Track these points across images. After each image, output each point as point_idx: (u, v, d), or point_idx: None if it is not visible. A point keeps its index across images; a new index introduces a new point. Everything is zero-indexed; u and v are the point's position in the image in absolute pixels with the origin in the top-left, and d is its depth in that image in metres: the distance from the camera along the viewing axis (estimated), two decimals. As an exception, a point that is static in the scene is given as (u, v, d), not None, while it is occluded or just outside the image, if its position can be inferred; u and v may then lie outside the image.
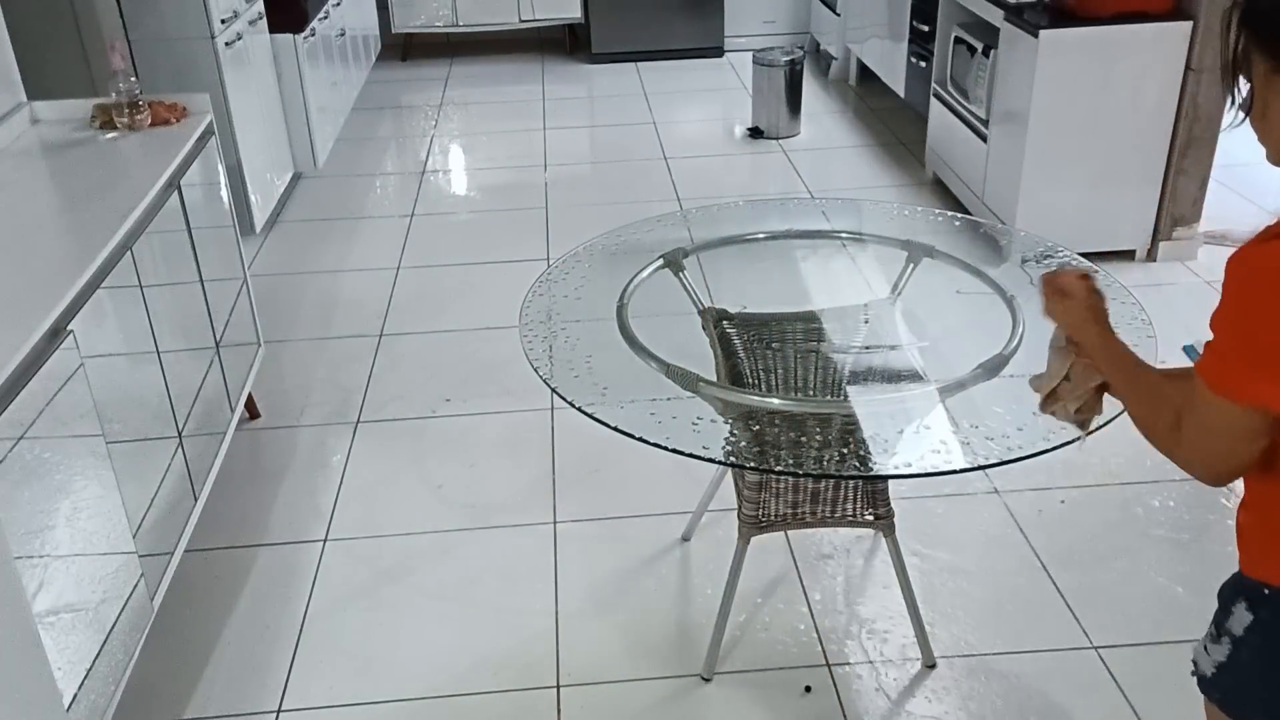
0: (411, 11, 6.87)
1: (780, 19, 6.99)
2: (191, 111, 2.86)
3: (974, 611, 2.46)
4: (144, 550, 2.18)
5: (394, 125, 6.07)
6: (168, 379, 2.42)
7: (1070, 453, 1.85)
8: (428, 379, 3.46)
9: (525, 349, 2.18)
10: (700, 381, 2.01)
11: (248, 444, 3.14)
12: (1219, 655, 1.39)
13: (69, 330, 1.91)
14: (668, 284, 2.46)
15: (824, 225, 2.86)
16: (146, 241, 2.34)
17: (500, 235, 4.49)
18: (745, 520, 2.20)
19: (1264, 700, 1.37)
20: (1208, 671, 1.42)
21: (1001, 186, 4.04)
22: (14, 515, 1.71)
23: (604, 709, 2.25)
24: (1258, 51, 1.22)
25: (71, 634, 1.87)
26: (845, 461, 1.91)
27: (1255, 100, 1.25)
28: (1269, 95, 1.23)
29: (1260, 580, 1.33)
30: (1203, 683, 1.44)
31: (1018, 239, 2.89)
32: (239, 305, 3.06)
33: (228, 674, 2.37)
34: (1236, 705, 1.41)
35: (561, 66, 6.91)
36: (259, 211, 4.31)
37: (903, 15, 5.15)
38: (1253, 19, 1.21)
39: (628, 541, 2.71)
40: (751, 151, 5.41)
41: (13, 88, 2.80)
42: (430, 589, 2.59)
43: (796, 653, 2.37)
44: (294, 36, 4.66)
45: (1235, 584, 1.39)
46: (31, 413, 1.77)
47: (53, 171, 2.63)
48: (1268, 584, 1.32)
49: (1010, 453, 1.82)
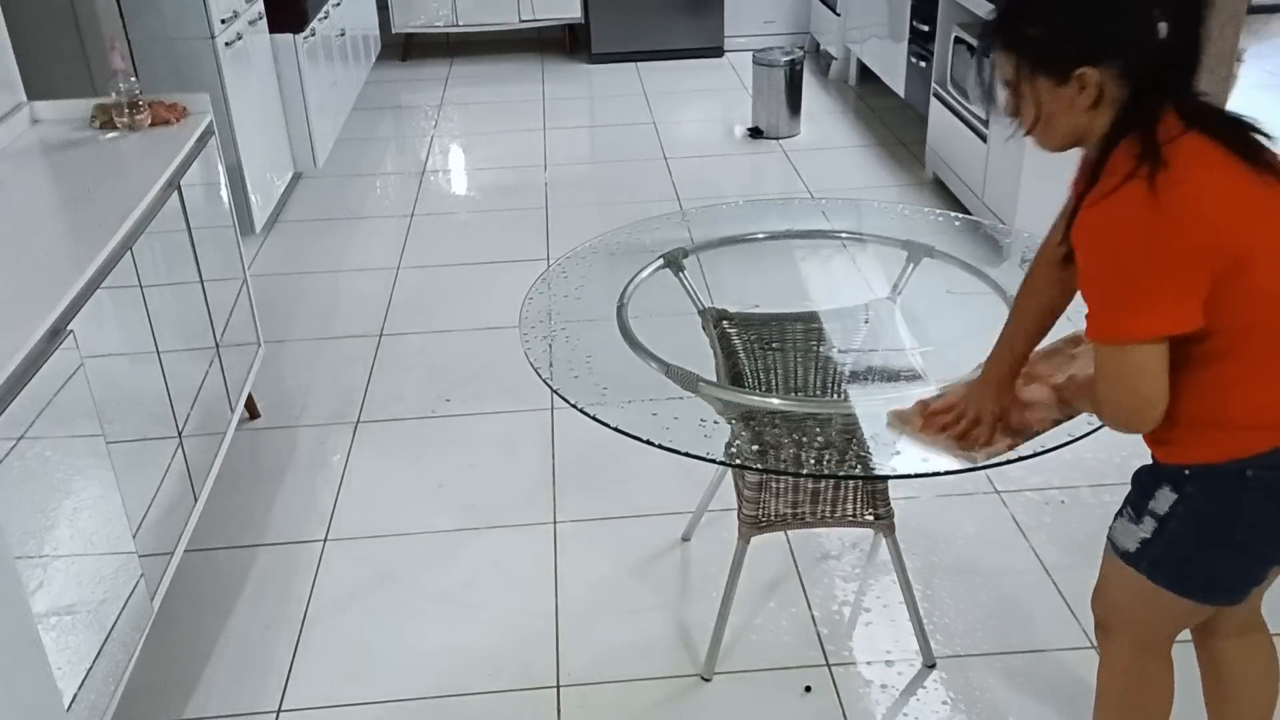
0: (411, 11, 6.87)
1: (780, 19, 6.99)
2: (191, 111, 2.86)
3: (974, 611, 2.46)
4: (144, 550, 2.18)
5: (394, 125, 6.07)
6: (168, 379, 2.42)
7: (1069, 453, 1.85)
8: (428, 379, 3.46)
9: (525, 349, 2.18)
10: (700, 381, 2.01)
11: (248, 444, 3.14)
12: (1143, 532, 1.59)
13: (69, 330, 1.91)
14: (668, 284, 2.46)
15: (824, 225, 2.86)
16: (146, 241, 2.34)
17: (500, 235, 4.49)
18: (745, 520, 2.20)
19: (1190, 562, 1.58)
20: (1131, 547, 1.62)
21: (1001, 186, 4.03)
22: (14, 515, 1.71)
23: (604, 709, 2.25)
24: (1034, 70, 1.46)
25: (71, 634, 1.87)
26: (845, 461, 1.91)
27: (1035, 112, 1.49)
28: (1050, 100, 1.47)
29: (1178, 464, 1.54)
30: (1127, 557, 1.63)
31: (1018, 239, 2.89)
32: (239, 305, 3.06)
33: (228, 674, 2.37)
34: (1164, 571, 1.60)
35: (561, 66, 6.91)
36: (259, 211, 4.31)
37: (903, 15, 5.15)
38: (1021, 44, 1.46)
39: (628, 541, 2.71)
40: (751, 151, 5.41)
41: (13, 88, 2.80)
42: (430, 589, 2.59)
43: (796, 653, 2.37)
44: (294, 36, 4.66)
45: (1153, 472, 1.59)
46: (31, 413, 1.77)
47: (53, 171, 2.63)
48: (1186, 465, 1.53)
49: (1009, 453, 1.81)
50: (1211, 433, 1.51)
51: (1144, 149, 1.39)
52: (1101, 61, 1.42)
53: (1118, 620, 1.75)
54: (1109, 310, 1.42)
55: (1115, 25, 1.43)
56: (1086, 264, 1.43)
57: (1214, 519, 1.55)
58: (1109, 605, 1.76)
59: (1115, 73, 1.43)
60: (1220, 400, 1.49)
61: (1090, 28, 1.44)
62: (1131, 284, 1.40)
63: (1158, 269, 1.39)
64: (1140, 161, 1.38)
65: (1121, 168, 1.40)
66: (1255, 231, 1.41)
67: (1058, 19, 1.46)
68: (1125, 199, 1.38)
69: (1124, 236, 1.38)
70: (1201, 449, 1.52)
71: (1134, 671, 1.78)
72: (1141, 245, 1.38)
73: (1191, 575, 1.60)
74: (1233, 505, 1.53)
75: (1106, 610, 1.76)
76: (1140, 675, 1.78)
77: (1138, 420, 1.49)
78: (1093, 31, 1.44)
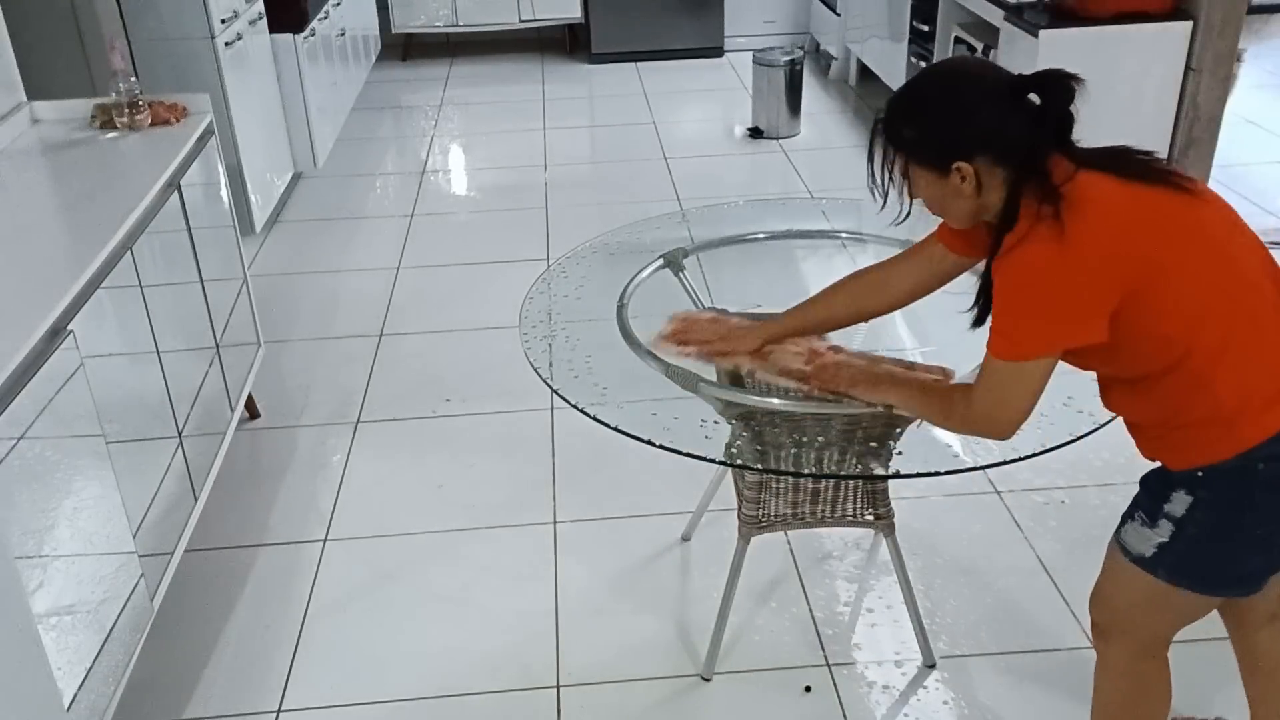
0: (411, 11, 6.87)
1: (780, 19, 6.99)
2: (191, 111, 2.86)
3: (974, 611, 2.46)
4: (144, 550, 2.18)
5: (394, 125, 6.07)
6: (168, 379, 2.42)
7: (1070, 452, 1.85)
8: (428, 379, 3.46)
9: (525, 349, 2.18)
10: (700, 381, 2.01)
11: (248, 444, 3.14)
12: (1160, 536, 1.62)
13: (69, 330, 1.91)
14: (668, 284, 2.45)
15: (824, 225, 2.86)
16: (146, 241, 2.34)
17: (500, 235, 4.49)
18: (745, 520, 2.20)
19: (1210, 560, 1.62)
20: (1147, 551, 1.64)
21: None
22: (14, 515, 1.71)
23: (604, 709, 2.25)
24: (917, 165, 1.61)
25: (71, 634, 1.87)
26: (845, 461, 1.91)
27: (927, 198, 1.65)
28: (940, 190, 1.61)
29: (1190, 469, 1.58)
30: (1141, 561, 1.65)
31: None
32: (239, 305, 3.06)
33: (228, 674, 2.37)
34: (1184, 571, 1.63)
35: (561, 66, 6.91)
36: (259, 211, 4.31)
37: (903, 15, 5.15)
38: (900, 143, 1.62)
39: (628, 541, 2.71)
40: (751, 151, 5.41)
41: (13, 88, 2.80)
42: (430, 589, 2.59)
43: (796, 653, 2.37)
44: (294, 36, 4.66)
45: (1163, 477, 1.63)
46: (31, 413, 1.77)
47: (53, 171, 2.63)
48: (1199, 468, 1.57)
49: (1010, 453, 1.82)
50: (1214, 430, 1.55)
51: (1042, 194, 1.51)
52: (973, 156, 1.56)
53: (1119, 624, 1.76)
54: (1019, 331, 1.54)
55: (976, 126, 1.56)
56: (1002, 300, 1.55)
57: (1231, 516, 1.58)
58: (1111, 609, 1.77)
59: (990, 161, 1.56)
60: (1207, 396, 1.54)
61: (955, 130, 1.58)
62: (1044, 312, 1.53)
63: (1067, 295, 1.51)
64: (1042, 204, 1.50)
65: (1028, 215, 1.52)
66: (1169, 236, 1.52)
67: (927, 123, 1.61)
68: (1035, 240, 1.50)
69: (1038, 275, 1.51)
70: (1209, 449, 1.56)
71: (1133, 674, 1.79)
72: (1055, 278, 1.50)
73: (1211, 572, 1.64)
74: (1247, 500, 1.57)
75: (1107, 615, 1.78)
76: (1140, 678, 1.79)
77: (1001, 431, 1.62)
78: (957, 133, 1.57)
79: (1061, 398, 1.90)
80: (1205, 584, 1.65)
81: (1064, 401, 1.89)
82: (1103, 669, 1.82)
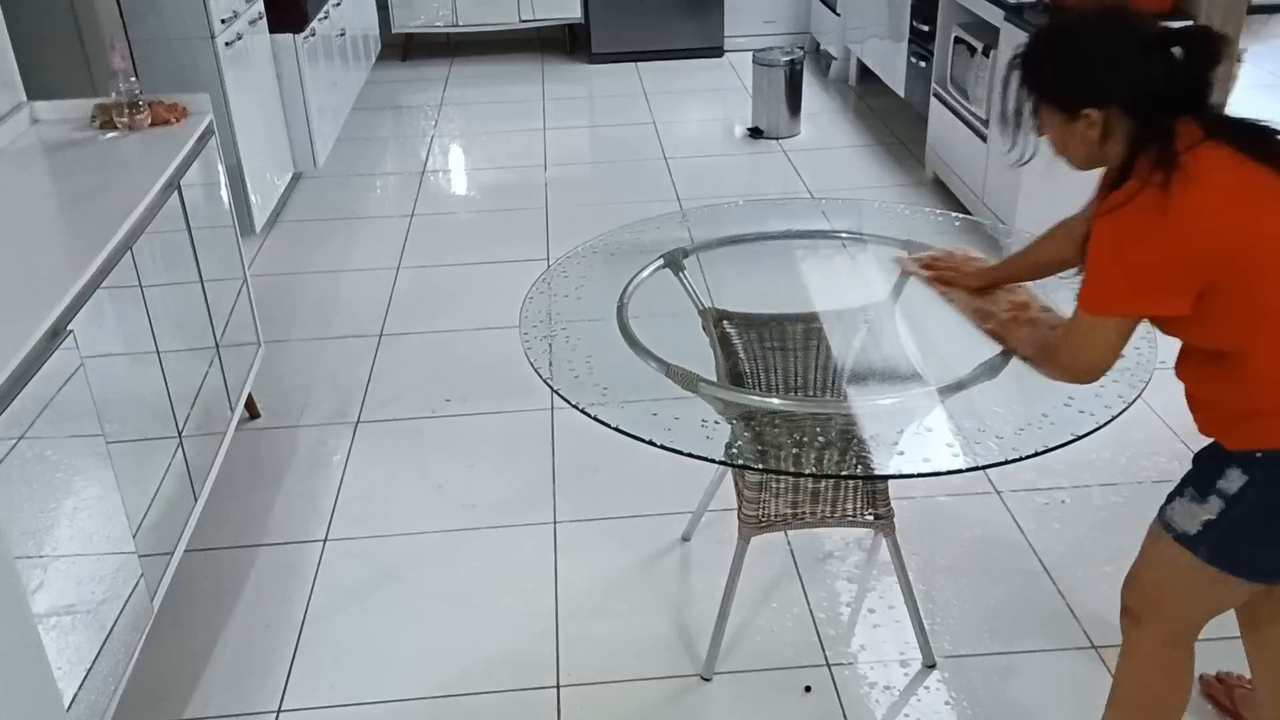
0: (411, 11, 6.87)
1: (780, 19, 6.99)
2: (191, 111, 2.86)
3: (974, 611, 2.46)
4: (144, 550, 2.18)
5: (394, 125, 6.07)
6: (168, 379, 2.42)
7: (1070, 452, 1.85)
8: (428, 379, 3.46)
9: (525, 349, 2.18)
10: (700, 381, 2.01)
11: (248, 444, 3.14)
12: (1208, 513, 1.63)
13: (69, 330, 1.91)
14: (668, 284, 2.45)
15: (824, 225, 2.86)
16: (146, 241, 2.34)
17: (500, 235, 4.49)
18: (745, 520, 2.20)
19: (1253, 543, 1.63)
20: (1192, 529, 1.65)
21: (1001, 186, 4.03)
22: (14, 515, 1.71)
23: (604, 709, 2.25)
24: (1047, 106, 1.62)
25: (71, 634, 1.87)
26: (845, 461, 1.91)
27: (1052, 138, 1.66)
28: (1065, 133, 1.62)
29: (1249, 450, 1.60)
30: (1184, 539, 1.67)
31: (1018, 239, 2.89)
32: (239, 305, 3.05)
33: (228, 674, 2.37)
34: (1224, 554, 1.64)
35: (561, 66, 6.91)
36: (259, 211, 4.30)
37: (903, 15, 5.15)
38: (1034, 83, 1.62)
39: (628, 541, 2.71)
40: (751, 151, 5.41)
41: (13, 88, 2.80)
42: (430, 589, 2.59)
43: (796, 653, 2.37)
44: (294, 36, 4.66)
45: (1219, 455, 1.64)
46: (31, 413, 1.77)
47: (53, 171, 2.63)
48: (1259, 450, 1.59)
49: (1010, 453, 1.82)
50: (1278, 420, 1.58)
51: (1160, 157, 1.50)
52: (1104, 103, 1.57)
53: (1151, 608, 1.77)
54: (1104, 287, 1.58)
55: (1113, 73, 1.57)
56: (1095, 255, 1.58)
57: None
58: (1145, 593, 1.78)
59: (1119, 110, 1.56)
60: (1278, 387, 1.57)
61: (1090, 75, 1.58)
62: (1131, 274, 1.55)
63: (1157, 265, 1.52)
64: (1156, 169, 1.49)
65: (1140, 175, 1.51)
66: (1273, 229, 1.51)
67: (1063, 65, 1.61)
68: (1139, 205, 1.50)
69: (1134, 238, 1.52)
70: (1272, 435, 1.59)
71: (1160, 662, 1.80)
72: (1148, 245, 1.51)
73: (1251, 556, 1.65)
74: None
75: (1140, 599, 1.79)
76: (1165, 665, 1.80)
77: (1080, 379, 1.68)
78: (1092, 79, 1.58)
79: (1062, 398, 1.90)
80: (1244, 568, 1.65)
81: (1065, 402, 1.89)
82: (1129, 655, 1.83)
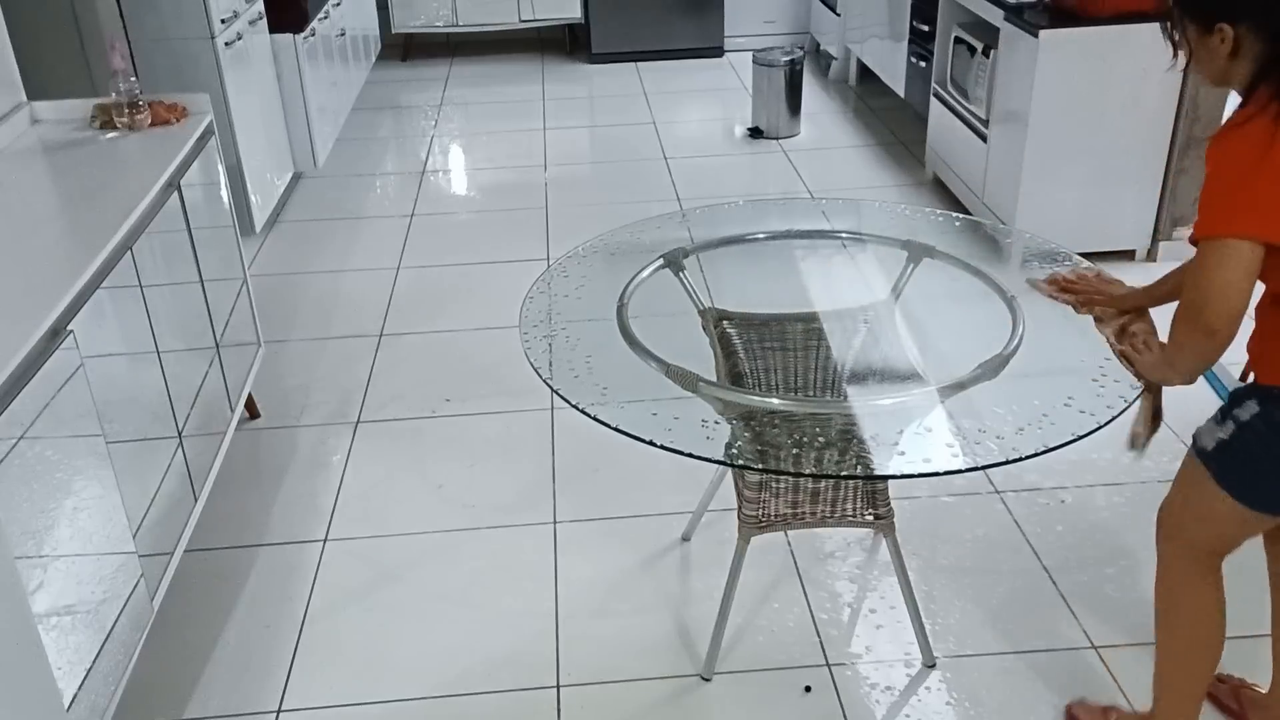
0: (411, 11, 6.87)
1: (780, 19, 6.99)
2: (191, 111, 2.86)
3: (974, 611, 2.46)
4: (144, 550, 2.18)
5: (394, 125, 6.07)
6: (168, 379, 2.42)
7: (1071, 453, 1.85)
8: (428, 379, 3.46)
9: (525, 349, 2.18)
10: (700, 381, 2.01)
11: (248, 444, 3.14)
12: (1222, 434, 1.76)
13: (69, 330, 1.91)
14: (668, 284, 2.45)
15: (824, 225, 2.86)
16: (146, 241, 2.34)
17: (500, 235, 4.49)
18: (745, 520, 2.20)
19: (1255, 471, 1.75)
20: (1209, 446, 1.79)
21: (1001, 186, 4.04)
22: (14, 515, 1.71)
23: (604, 709, 2.25)
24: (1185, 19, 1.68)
25: (71, 634, 1.87)
26: (845, 461, 1.91)
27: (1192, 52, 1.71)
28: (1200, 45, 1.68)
29: (1273, 384, 1.71)
30: (1202, 454, 1.81)
31: (1018, 239, 2.89)
32: (239, 305, 3.05)
33: (228, 674, 2.37)
34: (1231, 476, 1.77)
35: (561, 66, 6.91)
36: (259, 211, 4.31)
37: (903, 15, 5.15)
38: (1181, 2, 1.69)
39: (628, 541, 2.71)
40: (751, 151, 5.41)
41: (13, 88, 2.80)
42: (430, 589, 2.59)
43: (796, 653, 2.37)
44: (294, 36, 4.66)
45: (1250, 388, 1.75)
46: (31, 413, 1.77)
47: (53, 171, 2.63)
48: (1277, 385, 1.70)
49: (1011, 453, 1.82)
50: None
51: (1277, 90, 1.59)
52: (1239, 19, 1.63)
53: (1173, 525, 1.91)
54: (1213, 211, 1.62)
55: None
56: (1208, 178, 1.64)
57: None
58: (1173, 507, 1.92)
59: (1252, 28, 1.62)
60: None
61: None
62: (1236, 193, 1.60)
63: (1263, 186, 1.58)
64: (1274, 99, 1.58)
65: (1258, 103, 1.60)
66: None
67: None
68: (1251, 129, 1.60)
69: (1241, 158, 1.60)
70: None
71: (1185, 581, 1.91)
72: (1254, 166, 1.58)
73: (1254, 484, 1.76)
74: None
75: (1169, 513, 1.93)
76: (1191, 588, 1.89)
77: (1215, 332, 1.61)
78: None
79: (1062, 398, 1.90)
80: (1244, 493, 1.76)
81: (1065, 402, 1.89)
82: (1161, 572, 1.95)
